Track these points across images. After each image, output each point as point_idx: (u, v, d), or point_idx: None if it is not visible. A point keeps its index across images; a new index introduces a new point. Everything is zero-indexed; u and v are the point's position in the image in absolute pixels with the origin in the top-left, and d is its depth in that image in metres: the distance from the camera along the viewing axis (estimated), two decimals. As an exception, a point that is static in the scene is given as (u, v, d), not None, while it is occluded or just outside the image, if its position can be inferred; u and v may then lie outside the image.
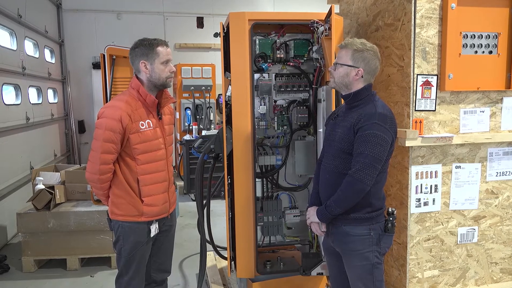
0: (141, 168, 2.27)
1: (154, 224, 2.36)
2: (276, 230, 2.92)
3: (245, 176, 2.71)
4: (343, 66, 2.08)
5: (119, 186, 2.27)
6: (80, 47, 8.05)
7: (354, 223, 2.07)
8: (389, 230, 2.09)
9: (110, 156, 2.20)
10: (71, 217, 3.82)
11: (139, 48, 2.26)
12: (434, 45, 2.52)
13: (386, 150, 2.00)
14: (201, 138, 3.06)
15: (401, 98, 2.62)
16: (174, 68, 2.35)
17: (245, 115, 2.67)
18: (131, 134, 2.21)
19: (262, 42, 2.84)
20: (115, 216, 2.31)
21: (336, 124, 2.16)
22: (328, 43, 2.54)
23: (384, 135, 1.97)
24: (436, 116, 2.58)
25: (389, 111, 2.06)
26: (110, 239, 3.86)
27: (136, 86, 2.29)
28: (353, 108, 2.10)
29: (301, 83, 2.91)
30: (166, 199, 2.41)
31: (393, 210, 2.13)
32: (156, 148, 2.32)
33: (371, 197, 2.06)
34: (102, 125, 2.18)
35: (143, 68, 2.26)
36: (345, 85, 2.11)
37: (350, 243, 2.09)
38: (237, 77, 2.65)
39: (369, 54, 2.06)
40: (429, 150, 2.59)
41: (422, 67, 2.52)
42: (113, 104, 2.25)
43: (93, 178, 2.25)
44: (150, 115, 2.31)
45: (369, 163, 1.95)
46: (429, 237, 2.66)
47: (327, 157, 2.19)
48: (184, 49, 8.53)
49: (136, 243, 2.32)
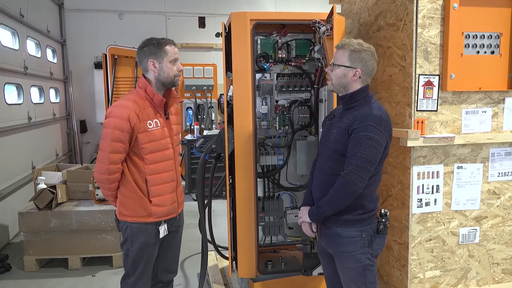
0: (149, 168, 2.27)
1: (163, 225, 2.35)
2: (278, 230, 2.93)
3: (246, 176, 2.72)
4: (340, 67, 2.07)
5: (127, 186, 2.27)
6: (82, 46, 8.07)
7: (346, 225, 2.06)
8: (382, 231, 2.08)
9: (119, 156, 2.20)
10: (73, 216, 3.83)
11: (148, 47, 2.26)
12: (436, 45, 2.52)
13: (380, 152, 1.98)
14: (202, 138, 3.05)
15: (403, 98, 2.61)
16: (182, 67, 2.36)
17: (247, 115, 2.68)
18: (139, 133, 2.21)
19: (263, 42, 2.84)
20: (124, 217, 2.31)
21: (332, 125, 2.16)
22: (329, 43, 2.54)
23: (378, 137, 1.95)
24: (438, 116, 2.57)
25: (385, 113, 2.05)
26: (111, 238, 3.87)
27: (144, 85, 2.29)
28: (349, 110, 2.09)
29: (303, 83, 2.92)
30: (175, 199, 2.41)
31: (386, 212, 2.12)
32: (164, 148, 2.32)
33: (364, 199, 2.05)
34: (110, 124, 2.18)
35: (151, 67, 2.26)
36: (342, 86, 2.10)
37: (342, 245, 2.08)
38: (239, 77, 2.65)
39: (367, 54, 2.05)
40: (431, 150, 2.59)
41: (424, 67, 2.52)
42: (121, 103, 2.25)
43: (102, 178, 2.24)
44: (158, 114, 2.31)
45: (361, 165, 1.93)
46: (431, 237, 2.65)
47: (321, 157, 2.18)
48: (186, 49, 8.54)
49: (144, 244, 2.31)
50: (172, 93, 2.41)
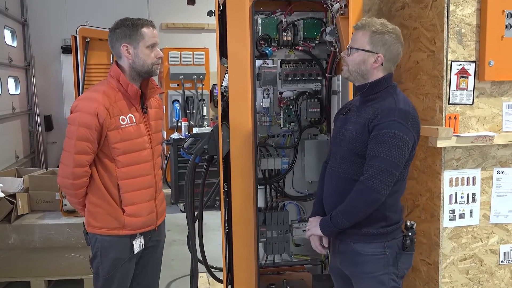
0: (122, 172, 2.30)
1: (138, 239, 2.38)
2: (282, 247, 2.94)
3: (244, 182, 2.74)
4: (359, 51, 2.08)
5: (97, 193, 2.30)
6: (47, 27, 8.08)
7: (366, 240, 2.07)
8: (408, 247, 2.09)
9: (86, 157, 2.23)
10: (36, 231, 3.84)
11: (121, 29, 2.29)
12: (471, 26, 2.53)
13: (406, 153, 2.00)
14: (192, 137, 3.07)
15: (432, 89, 2.63)
16: (161, 54, 2.38)
17: (245, 110, 2.70)
18: (109, 131, 2.24)
19: (265, 22, 2.86)
20: (92, 228, 2.34)
21: (347, 120, 2.17)
22: (344, 23, 2.56)
23: (404, 135, 1.97)
24: (474, 111, 2.59)
25: (412, 107, 2.07)
26: (82, 257, 3.87)
27: (116, 74, 2.31)
28: (369, 102, 2.10)
29: (312, 71, 2.93)
30: (153, 209, 2.43)
31: (412, 224, 2.12)
32: (140, 148, 2.35)
33: (387, 209, 2.06)
34: (75, 121, 2.21)
35: (125, 52, 2.30)
36: (360, 74, 2.11)
37: (361, 264, 2.08)
38: (236, 64, 2.68)
39: (391, 37, 2.06)
40: (465, 151, 2.60)
41: (457, 52, 2.53)
42: (88, 96, 2.28)
43: (66, 183, 2.27)
44: (133, 108, 2.34)
45: (385, 168, 1.94)
46: (466, 256, 2.67)
47: (334, 159, 2.19)
48: (171, 30, 8.55)
49: (116, 260, 2.34)
50: (151, 83, 2.44)
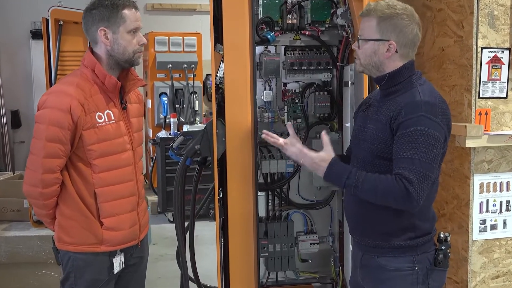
0: (99, 178, 2.28)
1: (119, 256, 2.36)
2: (286, 263, 2.95)
3: (243, 188, 2.73)
4: (368, 41, 2.08)
5: (70, 203, 2.28)
6: (14, 9, 8.07)
7: (393, 253, 2.07)
8: (441, 263, 2.09)
9: (57, 162, 2.20)
10: (1, 244, 3.87)
11: (98, 9, 2.26)
12: (505, 7, 2.54)
13: (439, 152, 2.00)
14: (182, 136, 3.06)
15: (459, 80, 2.63)
16: (145, 40, 2.37)
17: (244, 104, 2.69)
18: (84, 130, 2.21)
19: (267, 3, 2.87)
20: (64, 245, 2.32)
21: (368, 117, 2.18)
22: (358, 4, 2.56)
23: (435, 131, 1.96)
24: (508, 106, 2.60)
25: (439, 98, 2.07)
26: (55, 275, 3.88)
27: (91, 63, 2.29)
28: (390, 96, 2.10)
29: (321, 60, 2.94)
30: (135, 221, 2.43)
31: (446, 236, 2.13)
32: (119, 150, 2.34)
33: (416, 217, 2.06)
34: (44, 119, 2.19)
35: (102, 37, 2.27)
36: (375, 67, 2.11)
37: (387, 281, 2.09)
38: (233, 51, 2.66)
39: (401, 19, 2.04)
40: (498, 152, 2.61)
41: (488, 38, 2.54)
42: (59, 89, 2.26)
43: (34, 192, 2.25)
44: (111, 103, 2.32)
45: (425, 173, 1.92)
46: (499, 273, 2.67)
47: (354, 162, 2.21)
48: (158, 11, 8.55)
49: (93, 282, 2.32)
50: (132, 74, 2.43)
